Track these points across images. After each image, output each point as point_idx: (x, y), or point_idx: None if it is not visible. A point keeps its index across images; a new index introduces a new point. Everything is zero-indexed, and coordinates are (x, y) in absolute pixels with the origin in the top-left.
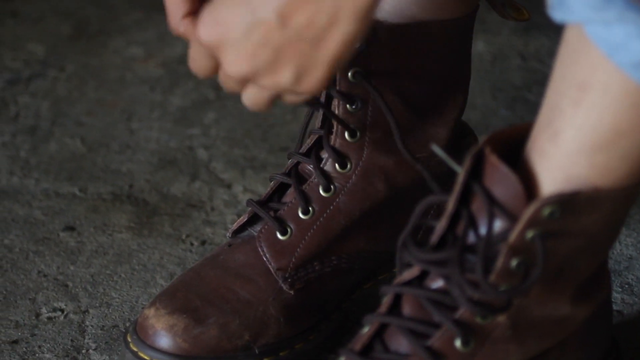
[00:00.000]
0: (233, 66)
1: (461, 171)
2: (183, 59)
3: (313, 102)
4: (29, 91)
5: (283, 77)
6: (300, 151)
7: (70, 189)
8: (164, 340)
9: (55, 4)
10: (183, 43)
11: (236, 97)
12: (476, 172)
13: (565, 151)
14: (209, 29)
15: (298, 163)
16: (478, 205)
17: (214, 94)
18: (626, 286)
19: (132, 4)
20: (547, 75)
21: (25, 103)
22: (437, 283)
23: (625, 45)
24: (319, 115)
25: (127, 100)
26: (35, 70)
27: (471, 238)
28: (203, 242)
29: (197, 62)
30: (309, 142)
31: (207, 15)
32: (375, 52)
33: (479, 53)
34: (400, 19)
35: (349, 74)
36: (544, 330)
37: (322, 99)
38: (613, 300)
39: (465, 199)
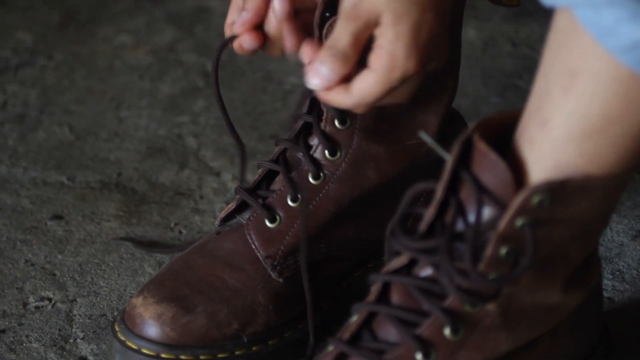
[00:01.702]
0: (408, 61)
1: (450, 158)
2: (172, 46)
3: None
4: (17, 79)
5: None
6: (288, 138)
7: (59, 177)
8: (152, 329)
9: None
10: (172, 31)
11: (226, 84)
12: (465, 160)
13: (555, 139)
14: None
15: (286, 149)
16: (467, 193)
17: (203, 81)
18: (617, 273)
19: None
20: (538, 62)
21: (13, 91)
22: (426, 271)
23: (615, 29)
24: (306, 101)
25: (116, 89)
26: (23, 59)
27: (460, 226)
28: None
29: None
30: (296, 127)
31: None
32: None
33: (470, 40)
34: None
35: None
36: (534, 318)
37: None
38: (604, 287)
39: (454, 186)
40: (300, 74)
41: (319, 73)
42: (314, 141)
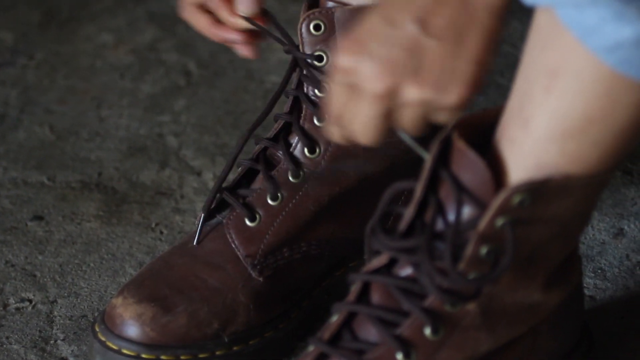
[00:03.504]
0: (375, 81)
1: (429, 157)
2: (153, 45)
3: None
4: None
5: (428, 83)
6: (268, 136)
7: (39, 177)
8: (132, 330)
9: None
10: (153, 30)
11: (207, 83)
12: (444, 158)
13: (536, 138)
14: (346, 52)
15: (266, 148)
16: (446, 192)
17: (184, 80)
18: (599, 271)
19: None
20: (519, 60)
21: None
22: (406, 271)
23: (598, 29)
24: (288, 101)
25: (97, 88)
26: (4, 58)
27: (440, 225)
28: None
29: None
30: (276, 127)
31: (345, 41)
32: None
33: None
34: (365, 2)
35: (322, 63)
36: (515, 317)
37: (294, 85)
38: (586, 285)
39: (433, 185)
40: (281, 73)
41: None
42: (294, 139)
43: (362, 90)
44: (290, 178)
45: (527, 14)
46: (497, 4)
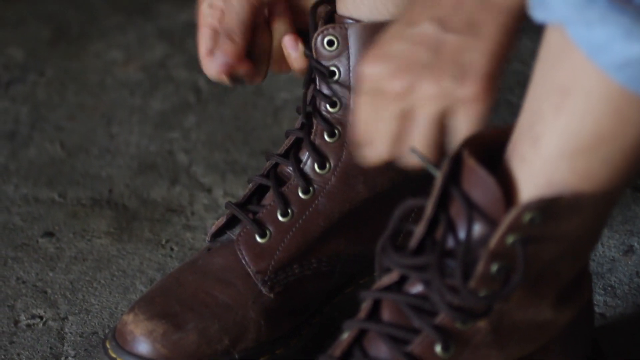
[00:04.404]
0: (393, 79)
1: (439, 175)
2: (163, 62)
3: None
4: (8, 96)
5: (444, 75)
6: (279, 152)
7: (50, 194)
8: (143, 346)
9: (35, 8)
10: (163, 46)
11: (217, 100)
12: (455, 176)
13: (547, 156)
14: (370, 59)
15: (276, 164)
16: (457, 210)
17: (194, 97)
18: (609, 288)
19: (112, 7)
20: (530, 77)
21: (4, 108)
22: (417, 288)
23: (608, 46)
24: (299, 118)
25: (107, 105)
26: (14, 75)
27: (450, 243)
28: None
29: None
30: (286, 143)
31: (369, 50)
32: (356, 53)
33: None
34: (378, 18)
35: (335, 78)
36: (525, 335)
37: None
38: (596, 303)
39: (444, 203)
40: (291, 89)
41: None
42: (304, 155)
43: (385, 93)
44: (301, 194)
45: (538, 31)
46: (515, 3)
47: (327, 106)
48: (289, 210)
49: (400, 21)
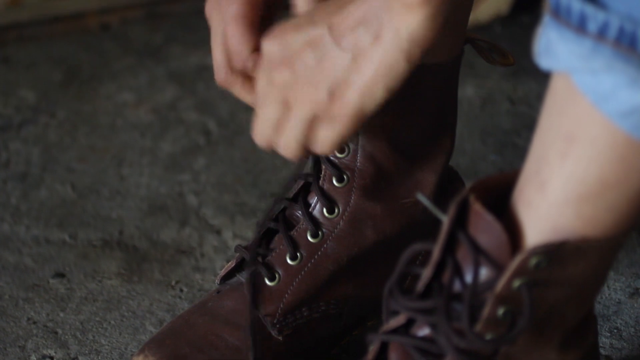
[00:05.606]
0: (280, 68)
1: (446, 219)
2: (173, 104)
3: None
4: (20, 137)
5: (322, 87)
6: (287, 196)
7: (61, 235)
8: None
9: (46, 50)
10: (173, 89)
11: (227, 142)
12: (462, 220)
13: (552, 202)
14: (271, 39)
15: (285, 208)
16: (463, 254)
17: (204, 139)
18: (615, 331)
19: (123, 50)
20: (536, 120)
21: (16, 149)
22: (424, 331)
23: (613, 95)
24: (309, 162)
25: (118, 146)
26: (26, 117)
27: (457, 286)
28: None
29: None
30: (295, 186)
31: (277, 29)
32: None
33: (468, 97)
34: None
35: None
36: None
37: None
38: (602, 345)
39: (450, 247)
40: None
41: None
42: (313, 199)
43: (273, 78)
44: (310, 238)
45: (543, 74)
46: (416, 41)
47: (335, 152)
48: (298, 254)
49: (312, 13)
